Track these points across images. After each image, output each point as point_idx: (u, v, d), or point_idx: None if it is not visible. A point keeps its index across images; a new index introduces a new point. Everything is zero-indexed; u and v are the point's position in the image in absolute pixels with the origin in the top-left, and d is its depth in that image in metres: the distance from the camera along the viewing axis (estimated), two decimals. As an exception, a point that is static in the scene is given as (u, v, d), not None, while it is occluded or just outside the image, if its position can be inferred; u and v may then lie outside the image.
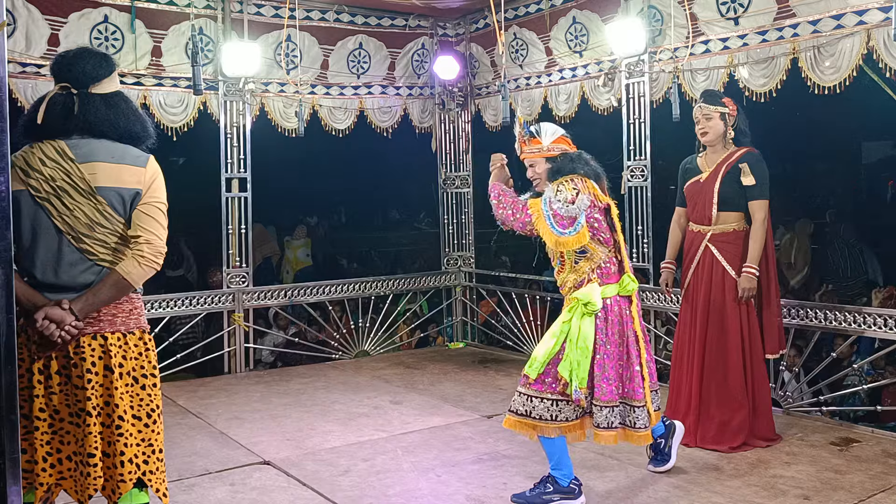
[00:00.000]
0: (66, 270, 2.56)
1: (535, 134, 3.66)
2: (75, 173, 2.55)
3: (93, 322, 2.55)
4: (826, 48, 4.75)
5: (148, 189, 2.63)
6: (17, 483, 2.29)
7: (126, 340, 2.60)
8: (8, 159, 2.24)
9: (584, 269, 3.55)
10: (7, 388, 2.26)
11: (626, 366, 3.58)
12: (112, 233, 2.58)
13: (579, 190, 3.47)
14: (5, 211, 2.24)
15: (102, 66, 2.66)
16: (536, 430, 3.53)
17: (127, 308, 2.62)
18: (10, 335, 2.26)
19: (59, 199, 2.54)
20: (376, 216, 13.81)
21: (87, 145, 2.58)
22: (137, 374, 2.62)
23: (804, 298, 6.93)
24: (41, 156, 2.56)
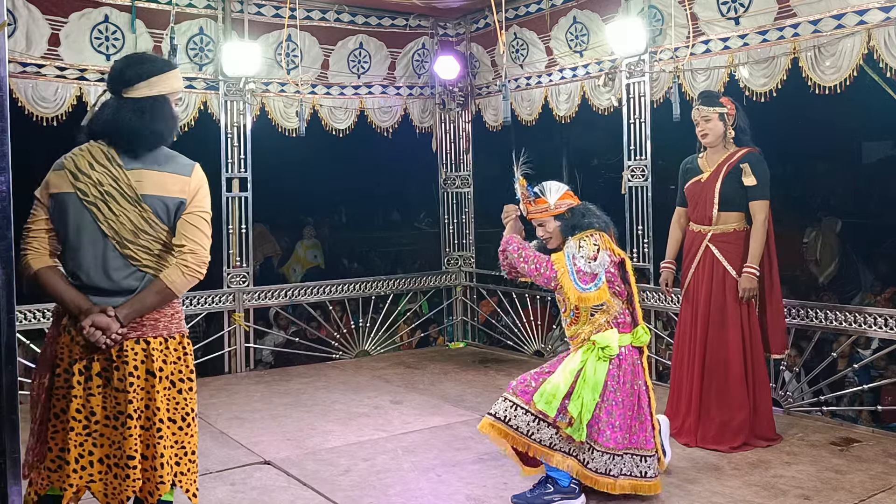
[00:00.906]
0: (111, 275, 2.59)
1: (539, 194, 3.72)
2: (122, 179, 2.58)
3: (136, 326, 2.58)
4: (827, 48, 4.75)
5: (192, 198, 2.65)
6: (18, 483, 2.29)
7: (167, 345, 2.65)
8: (8, 159, 2.24)
9: (599, 320, 3.62)
10: (7, 387, 2.26)
11: (635, 415, 3.62)
12: (156, 240, 2.62)
13: (600, 246, 3.58)
14: (6, 211, 2.24)
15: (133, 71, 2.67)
16: (508, 439, 3.54)
17: (169, 313, 2.66)
18: (11, 335, 2.27)
19: (105, 203, 2.57)
20: (377, 216, 13.81)
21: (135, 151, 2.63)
22: (175, 378, 2.66)
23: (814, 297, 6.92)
24: (90, 159, 2.61)
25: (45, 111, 5.67)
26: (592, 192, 11.31)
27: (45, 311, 5.78)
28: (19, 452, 2.30)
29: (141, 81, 2.65)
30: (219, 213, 6.45)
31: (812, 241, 8.74)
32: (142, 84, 2.65)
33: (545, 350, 6.84)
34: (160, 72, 2.70)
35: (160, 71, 2.70)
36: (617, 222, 6.19)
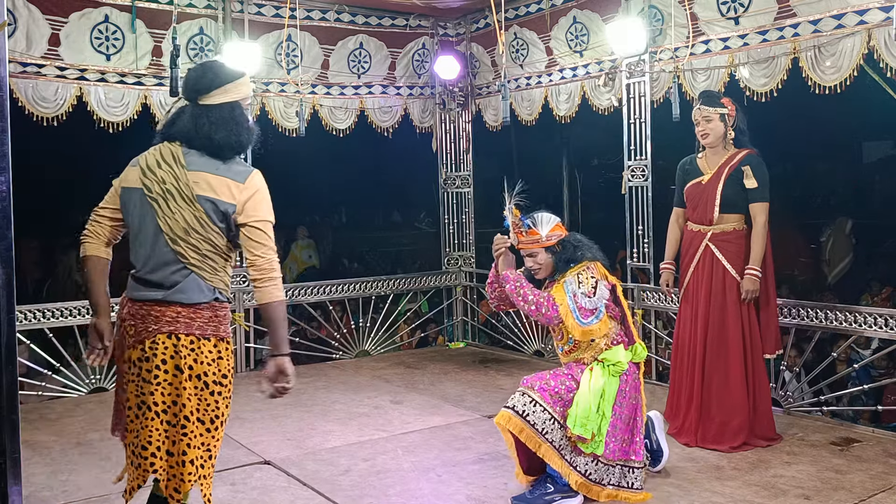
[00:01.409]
0: (160, 268, 2.69)
1: (532, 225, 3.74)
2: (182, 179, 2.69)
3: (171, 322, 2.67)
4: (827, 48, 4.75)
5: (244, 205, 2.71)
6: (18, 483, 2.29)
7: (199, 345, 2.70)
8: (8, 159, 2.25)
9: (599, 344, 3.68)
10: (8, 387, 2.26)
11: (629, 428, 3.68)
12: (205, 240, 2.70)
13: (597, 279, 3.63)
14: (6, 211, 2.24)
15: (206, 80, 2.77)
16: (523, 434, 3.54)
17: (207, 315, 2.72)
18: (11, 335, 2.27)
19: (165, 201, 2.69)
20: (377, 216, 13.81)
21: (195, 157, 2.73)
22: (208, 379, 2.73)
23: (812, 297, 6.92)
24: (159, 158, 2.76)
25: (45, 111, 5.68)
26: (592, 192, 11.34)
27: (45, 311, 5.79)
28: (19, 452, 2.31)
29: (216, 89, 2.77)
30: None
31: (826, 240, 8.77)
32: (217, 91, 2.77)
33: (545, 350, 6.84)
34: (233, 79, 2.81)
35: (233, 78, 2.81)
36: (617, 222, 6.26)
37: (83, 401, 5.68)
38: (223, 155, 2.74)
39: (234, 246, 2.82)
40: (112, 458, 4.37)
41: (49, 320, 5.79)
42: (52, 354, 5.83)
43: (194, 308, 2.69)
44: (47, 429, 4.97)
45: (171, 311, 2.68)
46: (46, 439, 4.74)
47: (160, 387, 2.66)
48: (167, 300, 2.68)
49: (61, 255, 9.51)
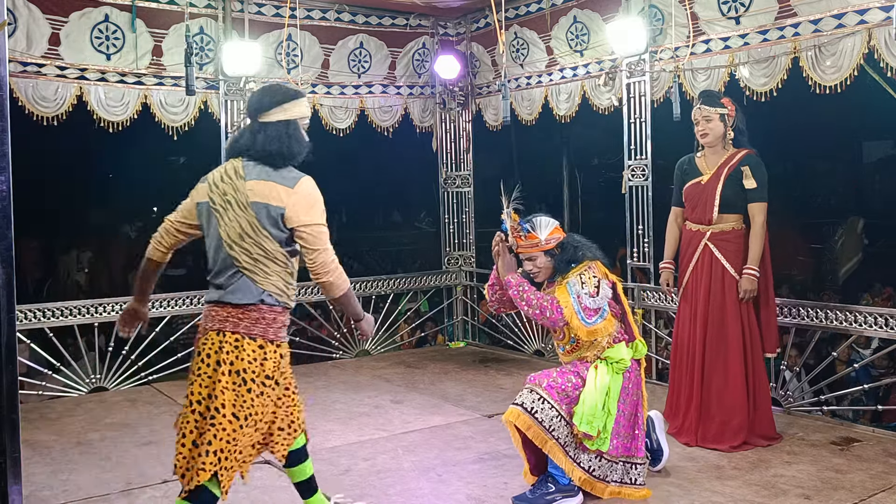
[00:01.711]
0: (221, 272, 2.95)
1: (531, 229, 3.74)
2: (240, 189, 2.91)
3: (221, 321, 2.90)
4: (827, 47, 4.74)
5: (293, 209, 2.89)
6: (19, 482, 2.29)
7: (243, 344, 2.88)
8: (9, 158, 2.25)
9: (601, 343, 3.69)
10: (8, 387, 2.26)
11: (631, 424, 3.69)
12: (256, 244, 2.89)
13: (599, 278, 3.64)
14: (6, 210, 2.25)
15: (266, 100, 3.02)
16: (531, 431, 3.54)
17: (254, 316, 2.90)
18: (11, 335, 2.27)
19: (225, 210, 2.92)
20: (377, 215, 13.82)
21: (252, 168, 2.95)
22: (247, 376, 2.87)
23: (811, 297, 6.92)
24: (223, 173, 2.98)
25: (45, 111, 5.67)
26: (592, 192, 11.35)
27: (46, 311, 5.79)
28: (19, 452, 2.31)
29: (274, 108, 3.00)
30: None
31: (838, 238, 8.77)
32: (275, 110, 3.00)
33: (545, 350, 6.84)
34: (291, 99, 3.04)
35: (291, 98, 3.05)
36: (617, 222, 6.26)
37: (83, 400, 5.68)
38: (275, 163, 2.95)
39: (291, 253, 2.98)
40: (112, 459, 4.37)
41: (49, 320, 5.79)
42: (52, 354, 5.83)
43: (242, 309, 2.89)
44: (47, 428, 4.97)
45: (224, 310, 2.91)
46: (47, 439, 4.74)
47: (199, 378, 2.89)
48: (221, 301, 2.92)
49: (61, 254, 9.51)
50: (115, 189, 10.03)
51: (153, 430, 4.91)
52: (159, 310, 6.23)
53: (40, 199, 8.79)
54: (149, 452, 4.47)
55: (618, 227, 6.32)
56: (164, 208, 9.68)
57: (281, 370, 2.99)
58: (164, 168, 11.11)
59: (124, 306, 3.30)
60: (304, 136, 3.07)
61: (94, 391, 5.90)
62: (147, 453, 4.45)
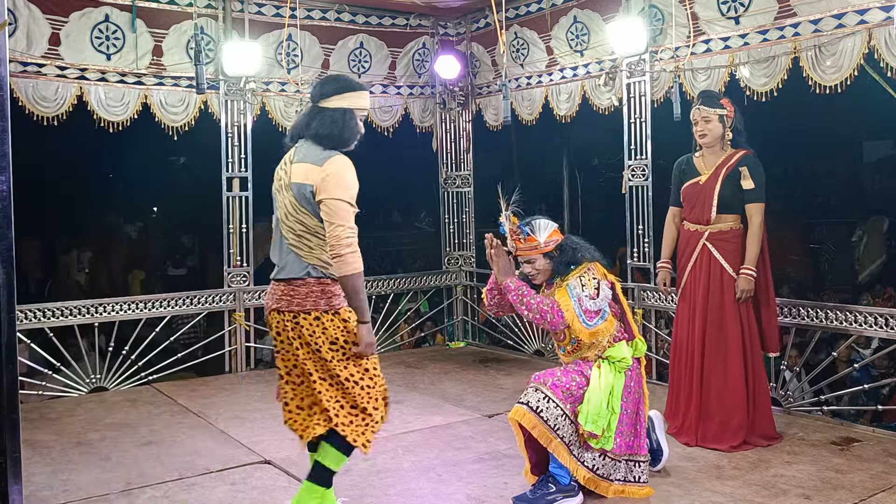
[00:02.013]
0: (279, 250, 3.22)
1: (530, 232, 3.74)
2: (288, 172, 3.16)
3: (277, 300, 3.16)
4: (827, 47, 4.74)
5: (319, 185, 3.06)
6: (19, 482, 2.29)
7: (299, 319, 3.11)
8: (9, 158, 2.25)
9: (602, 342, 3.70)
10: (8, 387, 2.26)
11: (633, 422, 3.70)
12: (298, 222, 3.12)
13: (598, 279, 3.65)
14: (6, 210, 2.25)
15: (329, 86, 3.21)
16: (536, 430, 3.55)
17: (303, 291, 3.11)
18: (11, 335, 2.27)
19: (279, 192, 3.21)
20: (377, 215, 13.80)
21: (299, 151, 3.19)
22: (315, 346, 3.11)
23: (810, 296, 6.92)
24: (284, 160, 3.24)
25: (45, 111, 5.68)
26: (593, 192, 11.35)
27: (46, 311, 5.79)
28: (20, 452, 2.31)
29: (335, 95, 3.19)
30: (219, 212, 6.46)
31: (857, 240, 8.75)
32: (335, 97, 3.19)
33: (545, 350, 6.84)
34: (353, 90, 3.22)
35: (352, 89, 3.22)
36: (617, 222, 6.26)
37: (83, 400, 5.68)
38: (324, 145, 3.14)
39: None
40: (112, 459, 4.38)
41: (49, 320, 5.79)
42: (52, 354, 5.83)
43: (291, 285, 3.12)
44: (48, 428, 4.97)
45: (279, 288, 3.16)
46: (47, 439, 4.74)
47: (279, 354, 3.22)
48: (276, 278, 3.19)
49: (61, 254, 9.52)
50: (116, 189, 10.03)
51: (153, 430, 4.91)
52: (159, 310, 6.23)
53: (40, 199, 8.79)
54: (149, 452, 4.47)
55: (618, 227, 6.32)
56: (164, 208, 9.76)
57: (349, 332, 3.12)
58: (164, 168, 11.10)
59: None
60: (358, 125, 3.23)
61: (95, 391, 5.90)
62: (147, 453, 4.45)
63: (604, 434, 3.56)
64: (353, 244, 3.06)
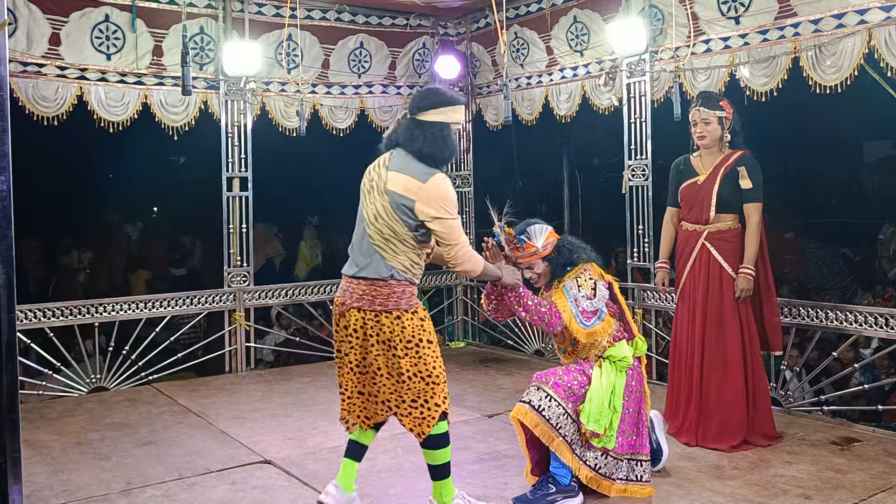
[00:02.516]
0: (360, 247, 3.34)
1: (527, 240, 3.75)
2: (382, 177, 3.29)
3: (359, 298, 3.28)
4: (827, 47, 4.74)
5: (422, 203, 3.20)
6: (19, 482, 2.29)
7: (380, 318, 3.25)
8: (9, 158, 2.25)
9: (601, 342, 3.70)
10: (8, 387, 2.26)
11: (635, 421, 3.71)
12: (387, 226, 3.25)
13: (595, 280, 3.67)
14: (6, 210, 2.24)
15: (427, 100, 3.32)
16: (538, 429, 3.55)
17: (385, 292, 3.25)
18: (11, 335, 2.27)
19: (370, 192, 3.32)
20: (377, 215, 13.82)
21: (397, 159, 3.30)
22: (391, 344, 3.26)
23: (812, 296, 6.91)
24: (376, 163, 3.37)
25: (45, 111, 5.68)
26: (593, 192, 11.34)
27: (46, 311, 5.80)
28: (20, 452, 2.31)
29: (432, 109, 3.30)
30: (219, 212, 6.46)
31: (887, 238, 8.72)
32: (432, 111, 3.30)
33: (545, 350, 6.84)
34: (448, 104, 3.32)
35: (450, 104, 3.33)
36: (617, 222, 6.26)
37: (83, 400, 5.68)
38: (424, 161, 3.26)
39: (420, 238, 3.29)
40: (112, 459, 4.38)
41: (50, 320, 5.79)
42: (52, 354, 5.83)
43: (375, 285, 3.25)
44: (48, 428, 4.97)
45: (359, 287, 3.28)
46: (47, 439, 4.74)
47: (353, 349, 3.34)
48: (357, 276, 3.30)
49: (61, 254, 9.51)
50: (116, 189, 10.02)
51: (153, 430, 4.91)
52: (159, 310, 6.23)
53: (40, 199, 8.79)
54: (149, 452, 4.47)
55: (618, 227, 6.32)
56: (164, 208, 9.75)
57: (425, 330, 3.31)
58: (164, 168, 11.10)
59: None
60: (455, 141, 3.35)
61: (95, 391, 5.90)
62: (147, 453, 4.45)
63: (606, 433, 3.56)
64: (471, 252, 3.34)
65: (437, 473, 3.41)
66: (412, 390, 3.28)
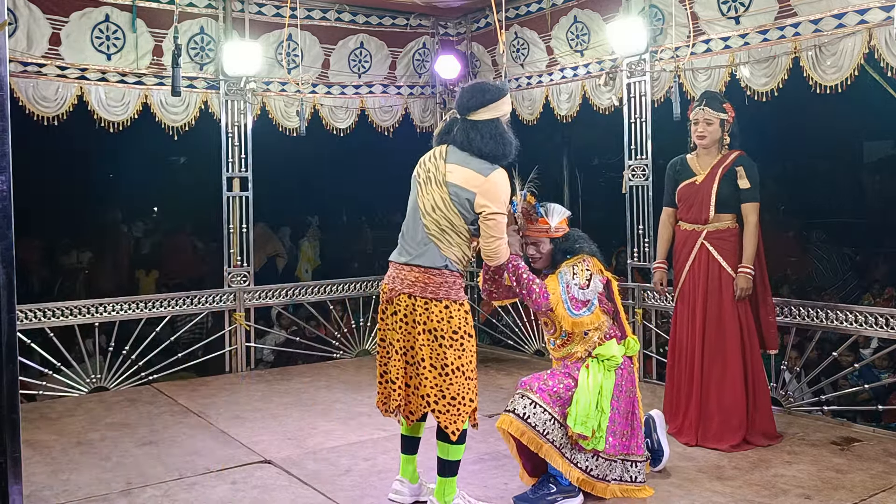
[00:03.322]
0: (413, 237, 3.42)
1: (543, 214, 3.74)
2: (440, 169, 3.38)
3: (410, 285, 3.35)
4: (828, 47, 4.74)
5: (483, 196, 3.29)
6: (19, 482, 2.29)
7: (430, 306, 3.32)
8: (9, 158, 2.25)
9: (593, 338, 3.71)
10: (8, 387, 2.26)
11: (628, 422, 3.70)
12: (445, 219, 3.33)
13: (592, 272, 3.66)
14: (6, 210, 2.24)
15: (475, 100, 3.37)
16: (524, 437, 3.55)
17: (437, 280, 3.33)
18: (11, 334, 2.27)
19: (425, 185, 3.41)
20: (377, 215, 13.79)
21: (456, 153, 3.38)
22: (437, 334, 3.32)
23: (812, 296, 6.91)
24: (431, 155, 3.46)
25: (45, 111, 5.68)
26: (593, 192, 11.33)
27: (46, 311, 5.80)
28: (20, 452, 2.31)
29: (482, 108, 3.36)
30: (219, 212, 6.46)
31: None
32: (482, 110, 3.36)
33: (545, 349, 6.84)
34: (496, 99, 3.38)
35: (497, 98, 3.38)
36: (618, 221, 6.26)
37: (84, 400, 5.68)
38: (486, 159, 3.34)
39: (473, 231, 3.37)
40: (112, 458, 4.38)
41: (50, 320, 5.79)
42: (53, 354, 5.83)
43: (428, 273, 3.32)
44: (48, 428, 4.97)
45: (411, 274, 3.34)
46: (47, 439, 4.74)
47: (400, 334, 3.38)
48: (409, 264, 3.37)
49: (61, 254, 9.51)
50: (116, 189, 10.03)
51: (153, 429, 4.91)
52: (159, 310, 6.23)
53: (40, 198, 8.79)
54: (149, 452, 4.47)
55: (618, 226, 6.31)
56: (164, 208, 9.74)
57: (468, 323, 3.38)
58: (164, 168, 11.10)
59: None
60: (511, 135, 3.40)
61: (95, 391, 5.90)
62: (147, 453, 4.46)
63: (595, 435, 3.55)
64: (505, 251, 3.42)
65: (447, 470, 3.44)
66: (454, 385, 3.32)
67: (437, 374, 3.33)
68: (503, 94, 3.41)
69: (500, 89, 3.42)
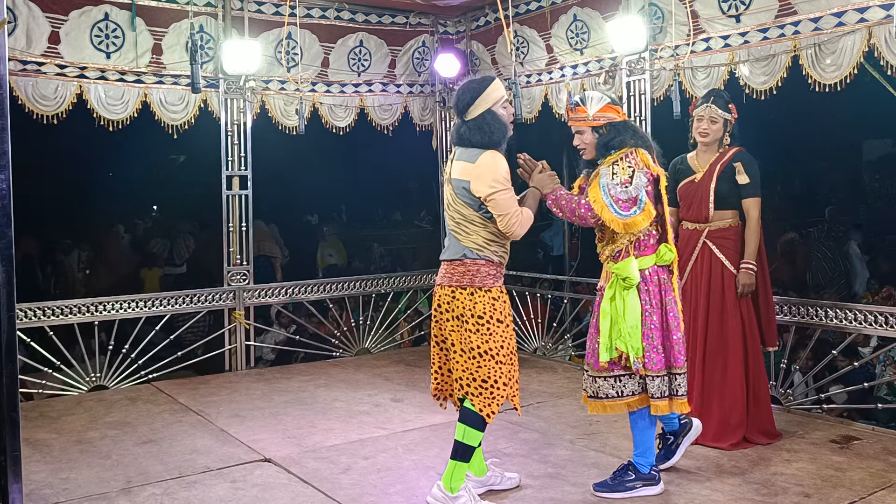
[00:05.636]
0: (447, 234, 3.62)
1: (580, 103, 3.67)
2: (449, 168, 3.57)
3: (442, 276, 3.56)
4: (827, 46, 4.74)
5: (476, 182, 3.41)
6: (19, 480, 2.29)
7: (457, 293, 3.49)
8: (8, 157, 2.25)
9: (622, 240, 3.59)
10: (8, 386, 2.26)
11: (666, 334, 3.63)
12: (457, 212, 3.51)
13: (634, 168, 3.51)
14: (6, 209, 2.25)
15: (463, 101, 3.48)
16: (606, 409, 3.62)
17: (461, 270, 3.50)
18: (11, 333, 2.27)
19: (445, 184, 3.60)
20: (377, 214, 13.80)
21: (458, 151, 3.55)
22: (463, 319, 3.48)
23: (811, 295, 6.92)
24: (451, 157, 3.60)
25: (45, 109, 5.67)
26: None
27: (46, 309, 5.80)
28: (20, 450, 2.31)
29: (472, 105, 3.47)
30: (219, 211, 6.46)
31: None
32: (473, 107, 3.47)
33: (546, 348, 6.84)
34: (481, 92, 3.47)
35: (481, 91, 3.47)
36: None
37: (84, 399, 5.68)
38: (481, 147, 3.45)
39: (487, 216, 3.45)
40: (112, 457, 4.38)
41: (49, 318, 5.79)
42: (52, 352, 5.83)
43: (452, 264, 3.52)
44: (48, 427, 4.97)
45: (443, 267, 3.57)
46: (47, 437, 4.75)
47: (437, 324, 3.61)
48: (443, 259, 3.59)
49: (61, 253, 9.51)
50: (115, 187, 10.03)
51: (153, 428, 4.91)
52: (159, 308, 6.23)
53: (40, 197, 8.79)
54: (149, 451, 4.47)
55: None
56: (164, 207, 9.75)
57: (496, 309, 3.46)
58: (164, 166, 11.10)
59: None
60: (502, 121, 3.48)
61: (95, 390, 5.90)
62: (147, 452, 4.46)
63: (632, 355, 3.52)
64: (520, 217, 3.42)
65: (461, 453, 3.52)
66: (482, 369, 3.43)
67: (467, 359, 3.46)
68: (487, 84, 3.48)
69: (482, 81, 3.50)
